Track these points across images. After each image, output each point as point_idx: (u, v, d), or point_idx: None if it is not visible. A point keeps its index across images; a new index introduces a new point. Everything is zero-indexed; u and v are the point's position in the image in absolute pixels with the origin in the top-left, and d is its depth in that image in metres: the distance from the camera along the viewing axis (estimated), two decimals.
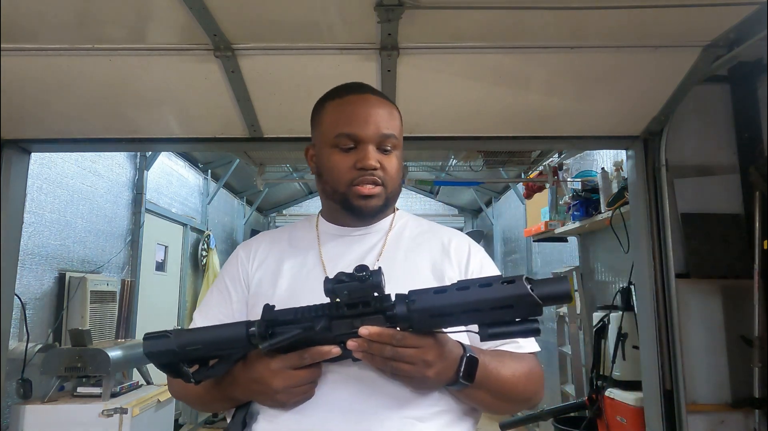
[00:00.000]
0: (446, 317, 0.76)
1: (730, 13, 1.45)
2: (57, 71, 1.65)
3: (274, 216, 8.27)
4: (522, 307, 0.73)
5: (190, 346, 0.83)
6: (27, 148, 2.10)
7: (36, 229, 3.01)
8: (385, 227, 1.06)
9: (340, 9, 1.43)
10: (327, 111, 1.01)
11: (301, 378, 0.84)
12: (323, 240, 1.04)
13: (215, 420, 5.26)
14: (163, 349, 0.83)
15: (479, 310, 0.74)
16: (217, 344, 0.83)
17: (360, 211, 0.98)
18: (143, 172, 4.26)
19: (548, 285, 0.74)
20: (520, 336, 0.82)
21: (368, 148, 0.96)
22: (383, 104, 1.00)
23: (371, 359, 0.79)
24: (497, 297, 0.74)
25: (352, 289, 0.78)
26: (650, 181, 2.00)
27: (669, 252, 1.93)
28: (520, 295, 0.73)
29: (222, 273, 1.07)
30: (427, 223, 1.12)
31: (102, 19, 1.45)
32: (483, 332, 0.76)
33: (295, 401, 0.86)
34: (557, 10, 1.42)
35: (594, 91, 1.80)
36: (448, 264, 1.00)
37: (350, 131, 0.96)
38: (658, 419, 1.91)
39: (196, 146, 2.62)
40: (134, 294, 4.05)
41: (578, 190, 3.38)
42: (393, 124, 0.99)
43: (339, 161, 0.97)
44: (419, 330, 0.78)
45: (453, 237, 1.06)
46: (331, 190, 1.00)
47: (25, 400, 2.58)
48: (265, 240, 1.09)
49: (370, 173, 0.95)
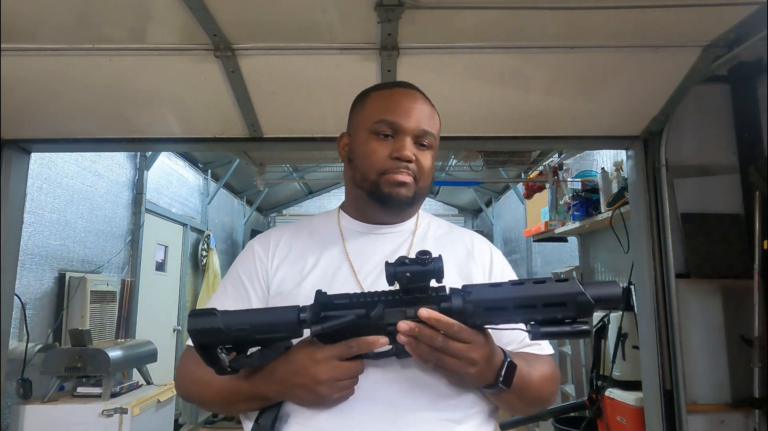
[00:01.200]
0: (500, 311, 0.76)
1: (730, 13, 1.45)
2: (57, 71, 1.65)
3: (274, 216, 8.27)
4: (573, 307, 0.73)
5: (237, 327, 0.79)
6: (27, 148, 2.10)
7: (36, 229, 3.01)
8: (411, 227, 1.04)
9: (340, 9, 1.43)
10: (371, 99, 1.01)
11: (345, 370, 0.80)
12: (347, 237, 1.01)
13: (215, 420, 5.25)
14: (208, 327, 0.78)
15: (533, 307, 0.74)
16: (265, 327, 0.79)
17: (389, 198, 0.94)
18: (143, 172, 4.26)
19: (601, 287, 0.75)
20: (570, 337, 0.82)
21: (406, 139, 0.94)
22: (427, 103, 1.01)
23: (416, 347, 0.77)
24: (551, 294, 0.74)
25: (415, 273, 0.76)
26: (650, 181, 2.00)
27: (669, 252, 1.93)
28: (574, 294, 0.73)
29: (236, 270, 1.00)
30: (447, 225, 1.11)
31: (102, 19, 1.45)
32: (535, 330, 0.75)
33: (337, 397, 0.82)
34: (557, 10, 1.42)
35: (594, 91, 1.80)
36: (473, 266, 1.00)
37: (392, 119, 0.95)
38: (658, 419, 1.91)
39: (196, 146, 2.62)
40: (134, 294, 4.05)
41: (578, 190, 3.38)
42: (433, 124, 0.99)
43: (375, 148, 0.95)
44: (472, 325, 0.77)
45: (475, 240, 1.06)
46: (361, 176, 0.97)
47: (25, 400, 2.58)
48: (284, 234, 1.04)
49: (404, 164, 0.94)
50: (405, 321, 0.76)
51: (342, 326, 0.77)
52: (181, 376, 0.95)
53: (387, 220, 1.02)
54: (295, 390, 0.82)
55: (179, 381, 0.97)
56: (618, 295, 0.74)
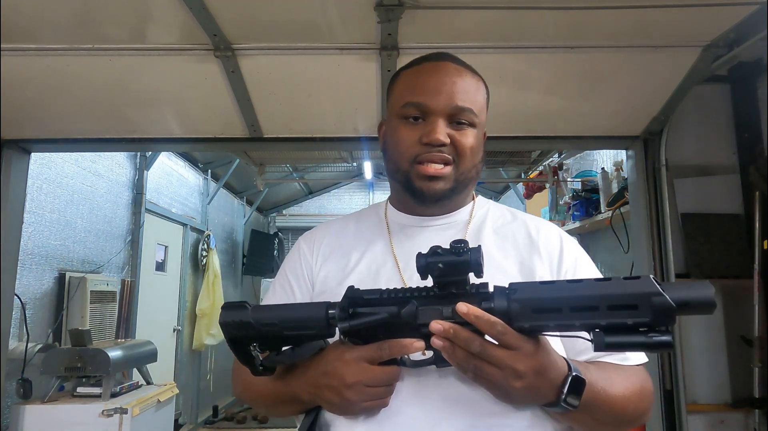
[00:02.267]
0: (553, 314, 0.63)
1: (730, 13, 1.45)
2: (57, 71, 1.65)
3: (274, 216, 8.27)
4: (647, 310, 0.58)
5: (265, 321, 0.74)
6: (27, 148, 2.10)
7: (36, 229, 3.01)
8: (464, 217, 0.92)
9: (340, 9, 1.43)
10: (400, 80, 0.91)
11: (376, 375, 0.71)
12: (394, 231, 0.92)
13: (215, 420, 5.26)
14: (238, 320, 0.75)
15: (594, 308, 0.61)
16: (294, 322, 0.74)
17: (422, 194, 0.85)
18: (143, 172, 4.26)
19: (686, 288, 0.60)
20: (645, 350, 0.63)
21: (437, 120, 0.83)
22: (463, 74, 0.88)
23: (453, 352, 0.66)
24: (618, 294, 0.60)
25: (448, 264, 0.66)
26: (650, 181, 2.00)
27: (669, 252, 1.93)
28: (648, 294, 0.59)
29: (284, 268, 0.96)
30: (511, 212, 0.97)
31: (102, 19, 1.45)
32: (598, 340, 0.61)
33: (367, 405, 0.73)
34: (557, 10, 1.42)
35: (594, 91, 1.80)
36: (537, 259, 0.86)
37: (418, 99, 0.84)
38: (658, 419, 1.91)
39: (196, 146, 2.62)
40: (134, 294, 4.05)
41: (578, 190, 3.38)
42: (471, 97, 0.86)
43: (404, 134, 0.85)
44: (519, 329, 0.65)
45: (541, 228, 0.91)
46: (393, 167, 0.88)
47: (25, 400, 2.58)
48: (330, 230, 0.97)
49: (437, 149, 0.83)
50: (439, 320, 0.65)
51: (370, 324, 0.70)
52: (233, 378, 0.92)
53: (434, 212, 0.91)
54: (324, 393, 0.75)
55: (233, 382, 0.93)
56: (709, 299, 0.60)
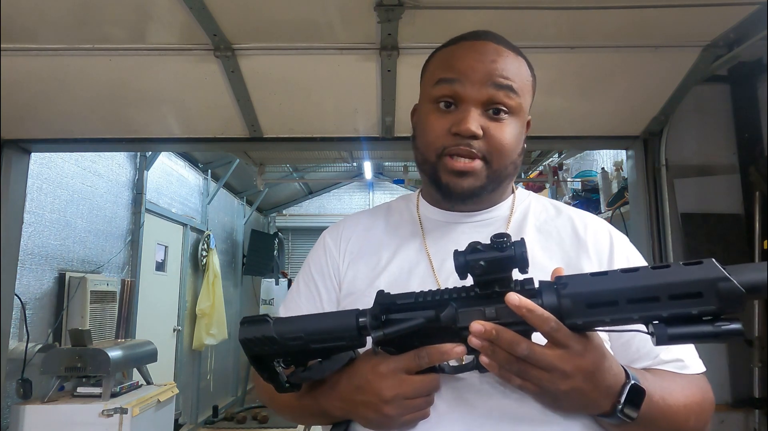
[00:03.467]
0: (609, 308, 0.57)
1: (730, 13, 1.45)
2: (57, 71, 1.65)
3: (274, 216, 8.27)
4: (713, 297, 0.54)
5: (291, 335, 0.68)
6: (27, 148, 2.10)
7: (36, 229, 3.01)
8: (504, 213, 0.84)
9: (340, 9, 1.43)
10: (435, 58, 0.82)
11: (415, 386, 0.65)
12: (427, 228, 0.83)
13: (215, 420, 5.26)
14: (260, 335, 0.68)
15: (654, 299, 0.55)
16: (322, 334, 0.67)
17: (448, 190, 0.77)
18: (143, 172, 4.26)
19: (752, 270, 0.54)
20: (714, 340, 0.56)
21: (469, 108, 0.74)
22: (503, 53, 0.77)
23: (494, 355, 0.59)
24: (680, 282, 0.55)
25: (490, 261, 0.60)
26: (650, 181, 2.00)
27: (669, 252, 1.93)
28: (713, 280, 0.54)
29: (308, 264, 0.88)
30: (555, 205, 0.87)
31: (102, 19, 1.45)
32: (660, 332, 0.55)
33: (407, 419, 0.66)
34: (557, 10, 1.42)
35: (594, 91, 1.80)
36: (585, 258, 0.78)
37: (451, 76, 0.75)
38: None
39: (196, 146, 2.62)
40: (134, 294, 4.05)
41: (578, 190, 3.39)
42: (515, 85, 0.76)
43: (434, 121, 0.76)
44: (572, 326, 0.59)
45: (589, 224, 0.83)
46: (421, 159, 0.80)
47: (25, 400, 2.58)
48: (358, 226, 0.88)
49: (466, 142, 0.73)
50: (479, 321, 0.59)
51: (406, 331, 0.63)
52: (256, 386, 0.85)
53: (470, 208, 0.82)
54: (359, 409, 0.68)
55: (257, 390, 0.85)
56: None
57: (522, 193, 0.88)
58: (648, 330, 0.57)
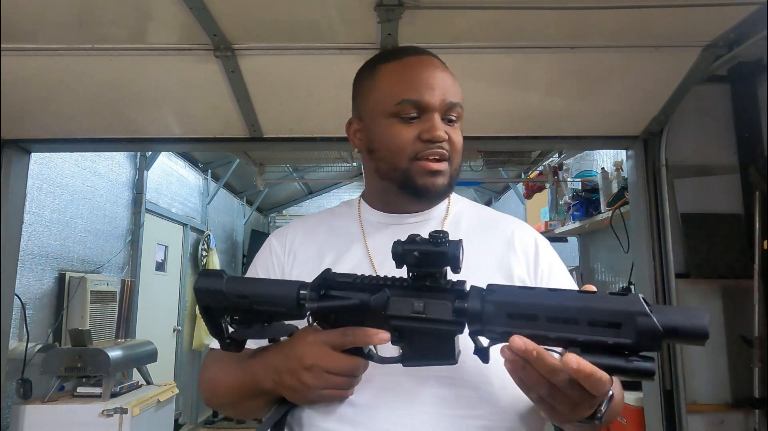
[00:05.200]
0: (528, 321, 0.59)
1: (730, 13, 1.45)
2: (57, 71, 1.65)
3: (274, 216, 8.27)
4: (631, 331, 0.54)
5: (237, 292, 0.73)
6: (27, 148, 2.10)
7: (36, 229, 3.01)
8: (440, 214, 0.92)
9: (340, 9, 1.43)
10: (382, 75, 0.87)
11: (337, 362, 0.70)
12: (368, 231, 0.90)
13: (215, 420, 5.26)
14: (212, 287, 0.74)
15: (573, 321, 0.57)
16: (266, 298, 0.72)
17: (425, 190, 0.84)
18: (143, 172, 4.26)
19: (677, 313, 0.55)
20: (625, 375, 0.56)
21: (435, 116, 0.83)
22: (446, 70, 0.88)
23: (523, 372, 0.59)
24: (601, 309, 0.56)
25: (425, 254, 0.63)
26: (650, 181, 2.00)
27: (669, 252, 1.93)
28: (635, 313, 0.54)
29: (254, 265, 0.94)
30: (486, 211, 0.97)
31: (102, 19, 1.45)
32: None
33: (325, 393, 0.71)
34: (557, 10, 1.42)
35: (594, 91, 1.80)
36: (514, 259, 0.85)
37: (416, 97, 0.82)
38: (658, 419, 1.91)
39: (196, 146, 2.62)
40: (134, 294, 4.05)
41: (578, 190, 3.39)
42: (458, 92, 0.87)
43: (401, 132, 0.83)
44: (492, 333, 0.62)
45: (516, 228, 0.91)
46: (388, 167, 0.85)
47: (25, 400, 2.58)
48: (301, 229, 0.95)
49: (438, 145, 0.82)
50: (521, 337, 0.57)
51: (338, 308, 0.69)
52: (201, 380, 0.90)
53: (414, 209, 0.90)
54: (284, 377, 0.73)
55: (200, 385, 0.91)
56: (701, 329, 0.53)
57: (456, 197, 0.96)
58: (562, 351, 0.58)
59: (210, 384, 0.86)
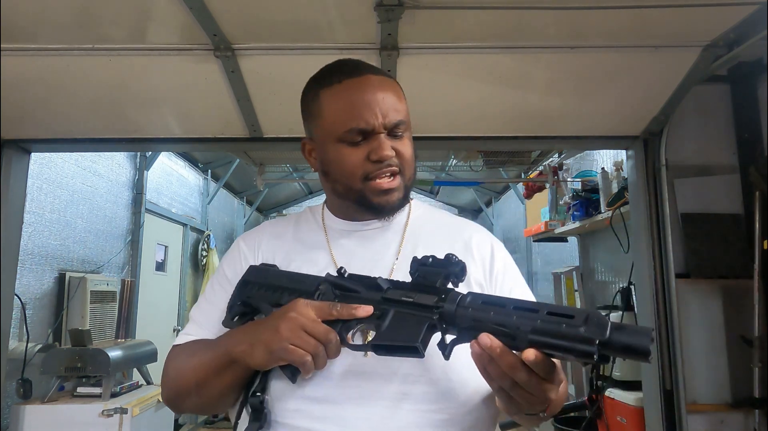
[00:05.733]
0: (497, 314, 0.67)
1: (730, 13, 1.45)
2: (57, 71, 1.64)
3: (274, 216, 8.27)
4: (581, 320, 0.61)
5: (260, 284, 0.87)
6: (27, 148, 2.10)
7: (36, 229, 3.01)
8: (401, 221, 0.96)
9: (340, 9, 1.43)
10: (325, 101, 0.89)
11: (315, 324, 0.74)
12: (332, 238, 0.94)
13: (215, 420, 5.26)
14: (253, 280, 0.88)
15: (534, 311, 0.65)
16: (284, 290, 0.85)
17: (381, 208, 0.89)
18: (143, 172, 4.26)
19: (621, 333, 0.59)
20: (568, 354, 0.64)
21: (380, 137, 0.86)
22: (386, 85, 0.89)
23: (488, 365, 0.66)
24: (559, 306, 0.65)
25: (427, 272, 0.75)
26: (650, 181, 2.00)
27: (669, 252, 1.93)
28: (586, 311, 0.62)
29: (223, 268, 0.96)
30: (445, 216, 1.03)
31: (102, 19, 1.45)
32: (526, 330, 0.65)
33: (290, 348, 0.74)
34: (557, 10, 1.42)
35: (594, 91, 1.80)
36: (471, 263, 0.91)
37: (359, 126, 0.85)
38: (658, 419, 1.91)
39: (196, 146, 2.62)
40: (134, 294, 4.05)
41: (578, 190, 3.39)
42: (401, 106, 0.89)
43: (350, 155, 0.86)
44: (464, 328, 0.69)
45: (474, 233, 0.97)
46: (343, 188, 0.90)
47: (25, 400, 2.58)
48: (268, 234, 0.99)
49: (386, 164, 0.86)
50: (488, 335, 0.64)
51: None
52: (164, 373, 0.90)
53: (374, 218, 0.94)
54: (260, 333, 0.77)
55: (163, 378, 0.90)
56: (642, 348, 0.57)
57: (417, 202, 1.01)
58: None
59: (175, 371, 0.87)
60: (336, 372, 0.80)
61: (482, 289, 0.90)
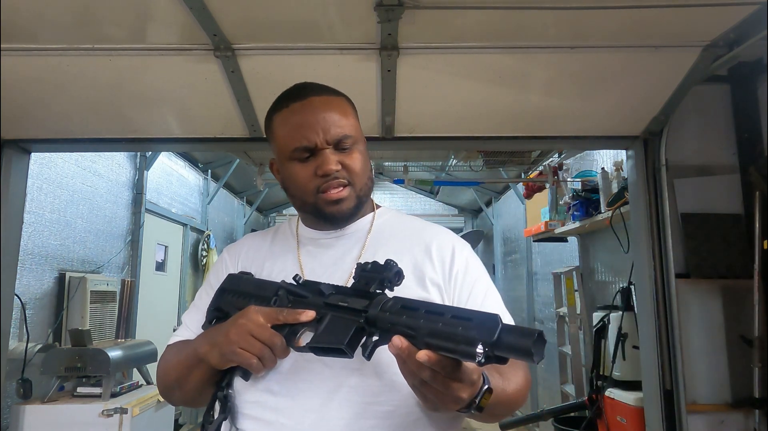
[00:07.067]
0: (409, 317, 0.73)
1: (730, 13, 1.45)
2: (57, 71, 1.64)
3: (274, 216, 8.27)
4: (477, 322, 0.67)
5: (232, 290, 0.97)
6: (27, 148, 2.10)
7: (36, 229, 3.01)
8: (364, 227, 1.03)
9: (340, 9, 1.43)
10: (276, 125, 0.99)
11: (263, 329, 0.83)
12: (302, 244, 1.04)
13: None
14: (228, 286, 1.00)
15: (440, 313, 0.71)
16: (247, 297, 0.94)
17: (333, 217, 0.97)
18: (143, 172, 4.26)
19: (509, 334, 0.64)
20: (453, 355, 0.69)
21: (325, 153, 0.93)
22: (330, 104, 0.97)
23: (402, 365, 0.72)
24: (463, 309, 0.71)
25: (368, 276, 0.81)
26: (650, 181, 2.00)
27: (669, 252, 1.93)
28: (481, 314, 0.67)
29: (209, 278, 1.08)
30: (411, 221, 1.08)
31: (102, 19, 1.45)
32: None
33: (238, 351, 0.83)
34: (557, 10, 1.42)
35: (594, 91, 1.80)
36: (429, 265, 0.97)
37: (302, 144, 0.93)
38: (658, 419, 1.91)
39: (196, 146, 2.62)
40: (134, 294, 4.05)
41: (578, 190, 3.38)
42: (345, 122, 0.96)
43: (299, 172, 0.95)
44: (383, 330, 0.75)
45: (435, 236, 1.02)
46: (299, 202, 0.99)
47: (25, 400, 2.58)
48: (249, 243, 1.10)
49: (332, 177, 0.94)
50: (400, 337, 0.70)
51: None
52: (157, 369, 1.04)
53: (338, 227, 1.02)
54: (215, 337, 0.88)
55: (157, 373, 1.04)
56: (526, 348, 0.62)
57: (383, 209, 1.08)
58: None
59: (162, 369, 1.00)
60: (285, 367, 0.89)
61: (440, 290, 0.96)
